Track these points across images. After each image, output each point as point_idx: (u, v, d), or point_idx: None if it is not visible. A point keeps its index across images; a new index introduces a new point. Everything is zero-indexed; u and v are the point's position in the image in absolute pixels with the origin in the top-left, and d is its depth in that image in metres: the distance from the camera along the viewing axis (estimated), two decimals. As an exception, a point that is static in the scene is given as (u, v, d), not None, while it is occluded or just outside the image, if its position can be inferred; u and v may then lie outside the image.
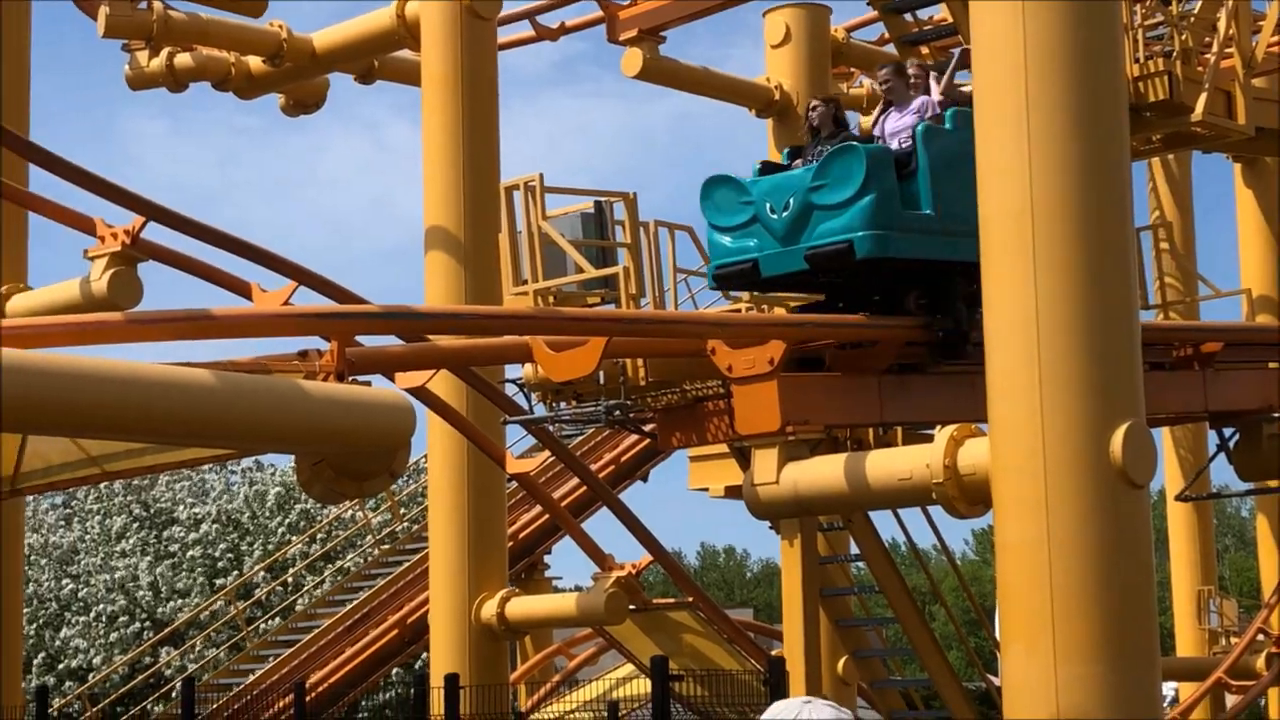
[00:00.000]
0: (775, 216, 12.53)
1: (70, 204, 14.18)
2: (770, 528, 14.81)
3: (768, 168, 13.03)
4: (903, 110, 13.00)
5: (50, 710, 17.67)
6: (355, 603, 24.13)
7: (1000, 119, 10.59)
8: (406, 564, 24.24)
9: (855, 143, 12.69)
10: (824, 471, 12.11)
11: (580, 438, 22.40)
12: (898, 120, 12.97)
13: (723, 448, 15.03)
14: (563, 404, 13.99)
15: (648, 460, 22.46)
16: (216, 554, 31.59)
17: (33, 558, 30.55)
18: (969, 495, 11.18)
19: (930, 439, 12.23)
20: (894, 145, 12.75)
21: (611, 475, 21.94)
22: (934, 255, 12.33)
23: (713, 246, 13.08)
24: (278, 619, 27.63)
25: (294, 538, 30.87)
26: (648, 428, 14.14)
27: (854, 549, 16.32)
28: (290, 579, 29.54)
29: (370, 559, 27.57)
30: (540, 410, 14.02)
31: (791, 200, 12.43)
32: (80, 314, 12.30)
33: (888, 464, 11.89)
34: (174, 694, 26.09)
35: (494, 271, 16.27)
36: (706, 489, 19.24)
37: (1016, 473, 10.41)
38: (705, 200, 13.00)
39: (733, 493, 17.87)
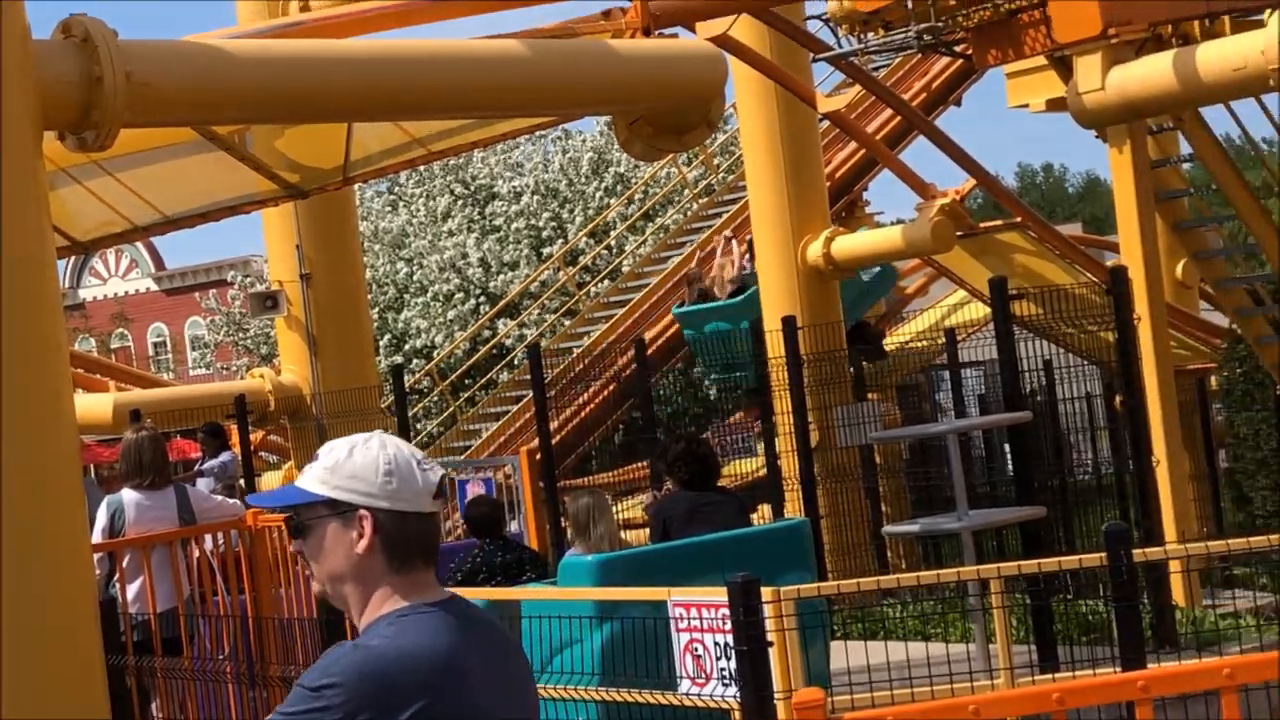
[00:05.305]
0: None
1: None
2: (1096, 136, 14.38)
3: None
4: None
5: (405, 387, 18.43)
6: (680, 258, 24.44)
7: None
8: (726, 215, 24.38)
9: None
10: (1152, 71, 11.69)
11: (887, 68, 21.96)
12: None
13: (1041, 60, 14.59)
14: (870, 34, 13.70)
15: (960, 84, 21.93)
16: (540, 224, 32.20)
17: (365, 244, 31.55)
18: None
19: (1262, 25, 11.67)
20: None
21: (925, 103, 21.50)
22: None
23: None
24: (606, 282, 28.16)
25: (612, 201, 31.23)
26: (961, 48, 13.78)
27: (1185, 149, 15.82)
28: (613, 242, 30.01)
29: (689, 214, 27.81)
30: (848, 44, 13.76)
31: None
32: None
33: (1219, 55, 11.39)
34: (517, 362, 27.04)
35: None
36: (1027, 105, 18.74)
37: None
38: None
39: (1054, 105, 17.35)
